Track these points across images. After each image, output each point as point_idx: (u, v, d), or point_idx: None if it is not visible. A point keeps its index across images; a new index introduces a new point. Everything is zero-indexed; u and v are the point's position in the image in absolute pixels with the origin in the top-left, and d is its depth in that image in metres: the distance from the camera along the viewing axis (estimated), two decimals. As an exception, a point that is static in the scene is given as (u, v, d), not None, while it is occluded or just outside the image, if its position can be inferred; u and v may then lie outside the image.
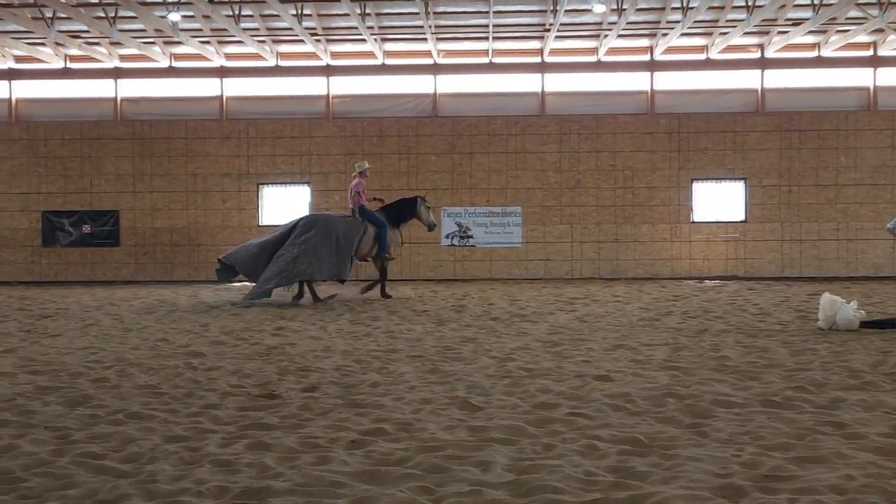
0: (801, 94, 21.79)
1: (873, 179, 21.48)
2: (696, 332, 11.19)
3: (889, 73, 21.62)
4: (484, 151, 21.98)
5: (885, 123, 21.51)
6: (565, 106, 22.02)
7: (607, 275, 21.66)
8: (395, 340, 10.60)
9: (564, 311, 13.86)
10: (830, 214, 21.55)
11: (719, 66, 21.69)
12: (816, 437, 5.76)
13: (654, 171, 21.74)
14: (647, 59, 21.73)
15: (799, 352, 9.42)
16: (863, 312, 11.63)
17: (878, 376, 7.92)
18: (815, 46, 21.39)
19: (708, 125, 21.70)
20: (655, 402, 6.85)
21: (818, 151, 21.58)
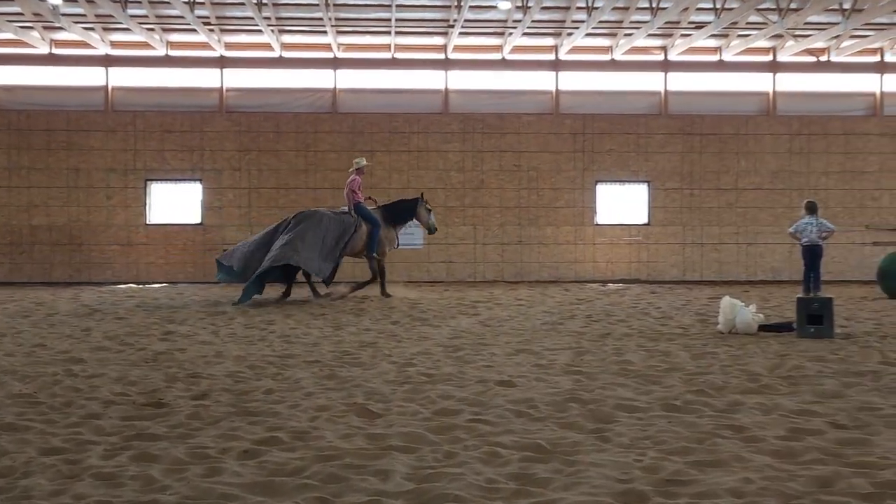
0: (703, 97, 22.46)
1: (772, 184, 22.29)
2: (599, 336, 11.40)
3: (788, 78, 22.47)
4: (385, 149, 21.95)
5: (783, 128, 22.35)
6: (469, 104, 22.18)
7: (511, 277, 21.90)
8: (290, 345, 10.49)
9: (467, 315, 13.93)
10: (731, 218, 22.26)
11: (623, 67, 22.18)
12: (716, 440, 5.94)
13: (558, 172, 22.08)
14: (551, 58, 22.06)
15: (699, 355, 9.69)
16: (761, 316, 12.06)
17: (776, 379, 8.22)
18: (717, 50, 22.09)
19: (612, 127, 22.16)
20: (558, 408, 6.94)
21: (719, 155, 22.27)
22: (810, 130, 22.37)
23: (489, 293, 18.32)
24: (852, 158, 22.43)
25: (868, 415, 6.73)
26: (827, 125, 22.40)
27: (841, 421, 6.54)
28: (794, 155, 22.35)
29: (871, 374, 8.48)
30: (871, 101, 22.61)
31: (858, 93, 22.68)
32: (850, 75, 22.55)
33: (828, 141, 22.39)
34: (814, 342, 10.77)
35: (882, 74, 22.46)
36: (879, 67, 22.40)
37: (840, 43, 21.59)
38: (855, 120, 22.52)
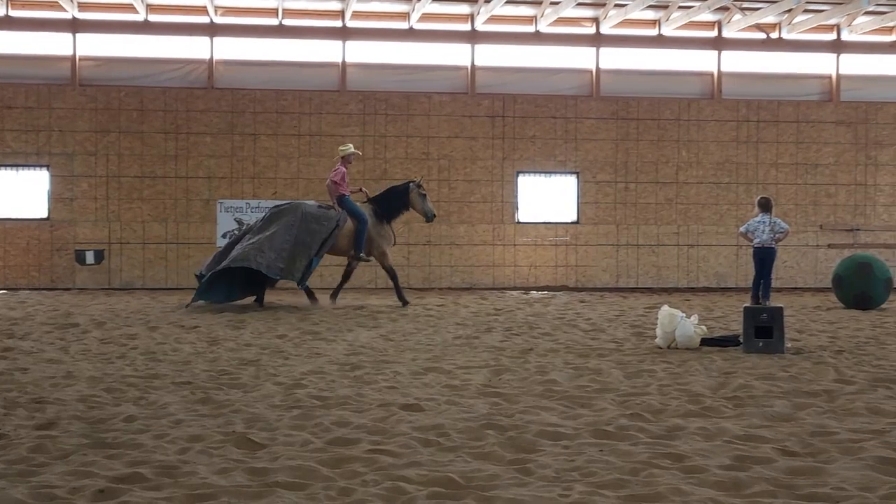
0: (640, 77, 22.88)
1: (716, 177, 22.83)
2: (520, 351, 11.48)
3: (735, 56, 23.04)
4: (271, 132, 21.77)
5: (729, 113, 22.91)
6: (370, 80, 22.16)
7: (418, 284, 21.94)
8: (156, 363, 10.31)
9: (366, 328, 13.90)
10: (670, 216, 22.72)
11: (549, 40, 22.44)
12: (653, 471, 6.03)
13: (474, 160, 22.22)
14: (467, 28, 22.19)
15: (635, 374, 9.85)
16: (704, 328, 12.32)
17: (720, 401, 8.41)
18: (656, 23, 22.53)
19: (536, 109, 22.39)
20: (473, 435, 6.97)
21: (658, 143, 22.71)
22: (759, 117, 22.99)
23: (393, 301, 18.31)
24: (805, 149, 23.13)
25: (822, 440, 6.94)
26: (778, 111, 23.05)
27: (792, 447, 6.72)
28: (741, 144, 22.93)
29: (825, 394, 8.75)
30: (827, 84, 23.36)
31: (813, 75, 23.40)
32: (804, 55, 23.25)
33: (779, 129, 23.04)
34: (762, 358, 11.05)
35: (838, 54, 23.21)
36: (836, 46, 23.14)
37: (792, 18, 22.24)
38: (809, 105, 23.23)
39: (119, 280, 21.33)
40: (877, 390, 8.98)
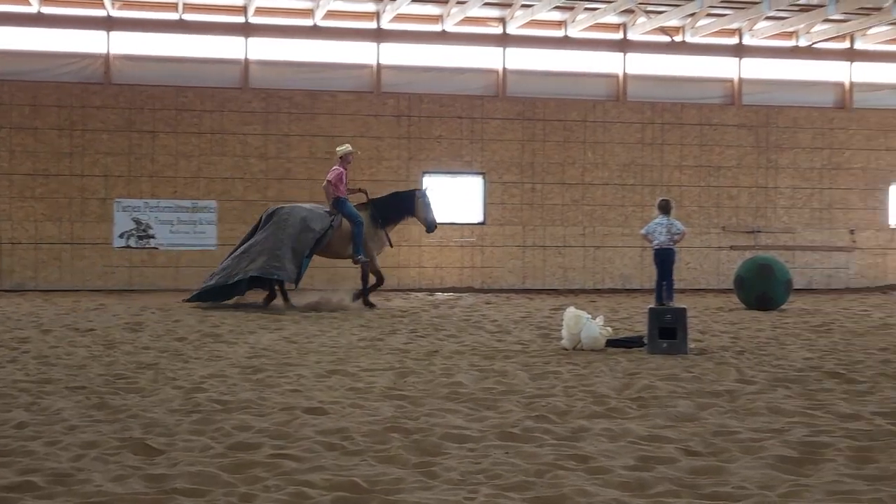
0: (547, 78, 23.09)
1: (622, 178, 23.16)
2: (425, 354, 11.50)
3: (639, 59, 23.41)
4: (170, 130, 21.44)
5: (634, 115, 23.27)
6: (274, 78, 21.97)
7: (322, 285, 21.78)
8: (49, 367, 10.08)
9: (268, 330, 13.79)
10: (576, 217, 22.99)
11: (456, 40, 22.52)
12: (558, 472, 6.09)
13: (379, 160, 22.18)
14: (373, 26, 22.15)
15: (540, 375, 9.94)
16: (609, 329, 12.49)
17: (625, 402, 8.53)
18: (562, 24, 22.76)
19: (443, 109, 22.45)
20: (377, 439, 6.96)
21: (564, 145, 22.95)
22: (664, 119, 23.39)
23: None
24: (708, 151, 23.60)
25: (724, 439, 7.08)
26: (682, 113, 23.48)
27: (695, 447, 6.85)
28: (646, 146, 23.30)
29: (726, 394, 8.93)
30: (729, 87, 23.87)
31: (716, 78, 23.90)
32: (707, 58, 23.73)
33: (683, 131, 23.47)
34: (666, 359, 11.24)
35: (740, 59, 23.74)
36: (738, 51, 23.67)
37: (696, 22, 22.68)
38: (712, 108, 23.71)
39: (10, 281, 20.78)
40: (777, 390, 9.20)
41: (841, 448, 6.84)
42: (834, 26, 22.78)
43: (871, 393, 9.12)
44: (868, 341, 13.14)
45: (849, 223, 24.25)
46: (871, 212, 24.41)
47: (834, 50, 24.14)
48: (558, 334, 12.67)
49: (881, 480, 6.07)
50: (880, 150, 24.42)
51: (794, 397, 8.85)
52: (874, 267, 24.36)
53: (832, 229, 24.13)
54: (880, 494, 5.71)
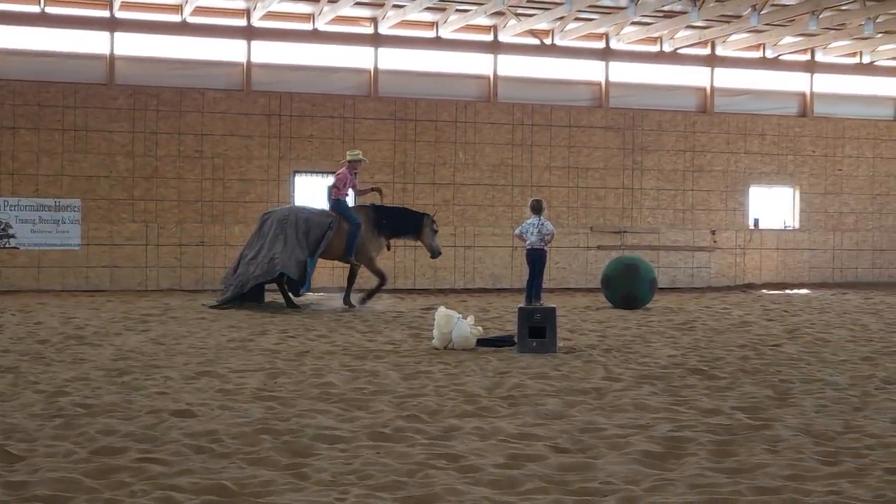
0: (418, 78, 23.17)
1: (492, 179, 23.39)
2: (295, 354, 11.43)
3: (510, 61, 23.67)
4: (32, 126, 20.78)
5: (505, 117, 23.52)
6: (141, 75, 21.49)
7: (191, 286, 21.46)
8: None
9: (135, 332, 13.51)
10: (447, 217, 23.08)
11: (328, 39, 22.40)
12: (429, 472, 6.12)
13: (249, 160, 21.93)
14: (243, 23, 21.87)
15: (411, 375, 9.98)
16: (480, 329, 12.59)
17: (495, 400, 8.62)
18: (434, 25, 22.86)
19: (314, 108, 22.32)
20: (247, 441, 6.89)
21: (435, 145, 23.06)
22: (533, 120, 23.70)
23: (164, 304, 17.86)
24: (577, 153, 24.01)
25: (591, 436, 7.22)
26: (551, 115, 23.83)
27: (563, 444, 6.97)
28: (516, 147, 23.57)
29: (594, 392, 9.11)
30: (597, 90, 24.33)
31: (584, 81, 24.33)
32: (575, 61, 24.14)
33: (552, 133, 23.82)
34: (536, 357, 11.39)
35: (607, 62, 24.22)
36: (605, 54, 24.14)
37: (565, 25, 23.05)
38: (580, 111, 24.12)
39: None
40: (642, 387, 9.42)
41: (703, 442, 7.04)
42: (696, 33, 23.43)
43: (730, 388, 9.41)
44: (728, 338, 13.55)
45: (710, 224, 24.98)
46: (731, 213, 25.19)
47: (696, 56, 24.82)
48: (429, 334, 12.73)
49: (740, 473, 6.27)
50: (739, 153, 25.22)
51: (659, 394, 9.07)
52: (734, 266, 25.16)
53: (694, 230, 24.82)
54: (739, 487, 5.90)
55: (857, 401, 8.81)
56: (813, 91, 25.78)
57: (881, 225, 26.36)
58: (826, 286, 25.00)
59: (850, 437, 7.33)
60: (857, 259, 26.18)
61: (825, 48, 25.04)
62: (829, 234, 25.94)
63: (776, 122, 25.56)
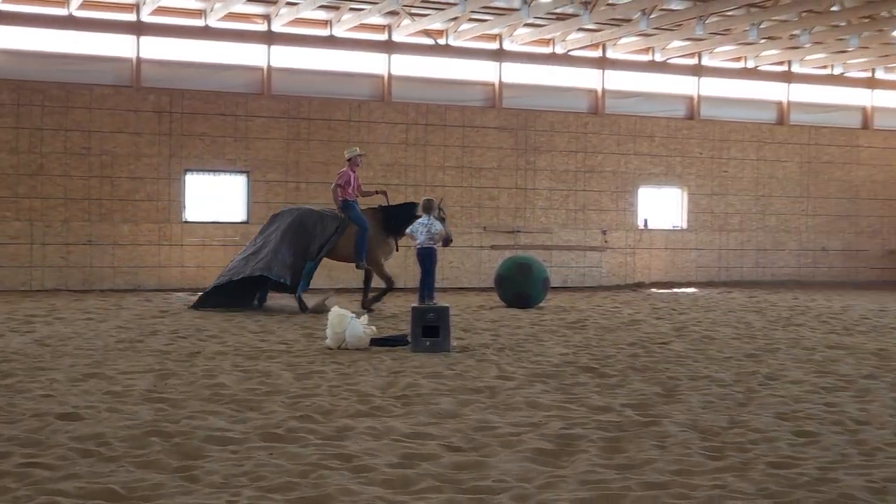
0: (312, 76, 23.02)
1: (386, 178, 23.34)
2: (186, 355, 11.28)
3: (404, 60, 23.68)
4: None
5: (399, 116, 23.53)
6: (26, 70, 20.91)
7: (77, 286, 20.98)
8: None
9: (19, 333, 13.17)
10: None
11: (219, 36, 22.09)
12: (322, 472, 6.11)
13: (138, 157, 21.52)
14: (132, 18, 21.44)
15: (304, 375, 9.93)
16: (374, 328, 12.60)
17: (389, 400, 8.63)
18: (328, 24, 22.74)
19: (206, 106, 22.00)
20: (136, 444, 6.79)
21: (329, 144, 22.94)
22: (427, 120, 23.75)
23: (49, 305, 17.43)
24: (470, 153, 24.14)
25: (484, 435, 7.28)
26: (445, 115, 23.91)
27: (457, 443, 7.01)
28: (409, 146, 23.60)
29: (487, 391, 9.18)
30: (491, 91, 24.50)
31: (477, 81, 24.47)
32: (469, 61, 24.26)
33: (446, 132, 23.91)
34: (429, 356, 11.43)
35: (501, 63, 24.40)
36: (498, 55, 24.32)
37: (458, 26, 23.15)
38: (474, 111, 24.25)
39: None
40: (534, 385, 9.53)
41: (594, 439, 7.15)
42: (588, 35, 23.76)
43: (621, 386, 9.58)
44: (618, 337, 13.79)
45: (601, 224, 25.36)
46: (621, 213, 25.62)
47: (588, 58, 25.17)
48: (323, 334, 12.67)
49: (630, 469, 6.39)
50: (630, 154, 25.66)
51: (551, 392, 9.19)
52: (624, 266, 25.59)
53: (586, 229, 25.17)
54: (629, 482, 6.01)
55: (741, 397, 9.05)
56: (700, 94, 26.37)
57: (764, 225, 27.10)
58: (712, 285, 25.60)
59: (734, 432, 7.53)
60: (742, 258, 26.88)
61: (711, 53, 25.62)
62: (715, 234, 26.58)
63: (665, 124, 26.09)
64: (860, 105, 28.28)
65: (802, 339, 13.71)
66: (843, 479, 6.19)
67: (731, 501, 5.69)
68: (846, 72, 27.49)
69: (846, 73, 27.53)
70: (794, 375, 10.41)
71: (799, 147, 27.38)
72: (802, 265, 27.48)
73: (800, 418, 8.10)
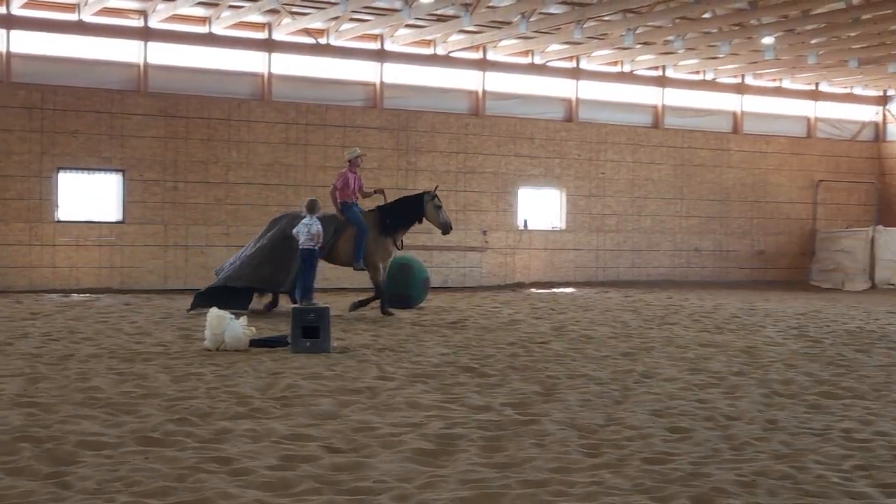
0: (191, 74, 22.64)
1: (265, 178, 23.13)
2: (59, 358, 10.99)
3: (284, 59, 23.46)
4: None
5: (279, 116, 23.31)
6: None
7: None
8: None
9: None
10: (220, 217, 22.71)
11: (93, 31, 21.57)
12: (200, 476, 6.02)
13: (9, 155, 20.88)
14: (2, 12, 20.77)
15: (182, 377, 9.77)
16: (253, 329, 12.46)
17: (268, 401, 8.55)
18: (206, 21, 22.40)
19: (79, 103, 21.45)
20: (6, 449, 6.61)
21: (208, 143, 22.61)
22: (308, 120, 23.59)
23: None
24: (351, 153, 24.01)
25: (365, 435, 7.27)
26: (325, 115, 23.78)
27: (337, 444, 6.98)
28: (290, 146, 23.40)
29: (368, 391, 9.17)
30: (372, 91, 24.45)
31: (358, 81, 24.39)
32: (351, 61, 24.18)
33: (326, 132, 23.78)
34: (309, 357, 11.37)
35: (382, 63, 24.38)
36: (380, 56, 24.29)
37: (339, 25, 23.05)
38: (354, 111, 24.18)
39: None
40: (415, 385, 9.55)
41: (474, 439, 7.21)
42: (468, 37, 23.91)
43: (500, 385, 9.67)
44: (498, 336, 13.91)
45: (482, 224, 25.55)
46: (501, 214, 25.86)
47: (469, 59, 25.34)
48: (201, 335, 12.48)
49: (510, 467, 6.46)
50: (510, 155, 25.92)
51: (431, 392, 9.22)
52: (504, 266, 25.83)
53: (467, 230, 25.31)
54: (508, 481, 6.07)
55: (618, 394, 9.23)
56: (578, 97, 26.79)
57: (640, 226, 27.67)
58: (590, 285, 26.03)
59: (611, 429, 7.67)
60: (618, 259, 27.40)
61: (589, 56, 26.06)
62: (592, 234, 27.03)
63: (544, 126, 26.42)
64: (731, 110, 29.11)
65: (676, 338, 14.04)
66: (714, 473, 6.36)
67: (608, 498, 5.79)
68: (717, 77, 28.27)
69: (717, 78, 28.31)
70: (668, 373, 10.65)
71: (673, 150, 28.05)
72: (676, 265, 28.15)
73: (673, 415, 8.29)
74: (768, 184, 29.47)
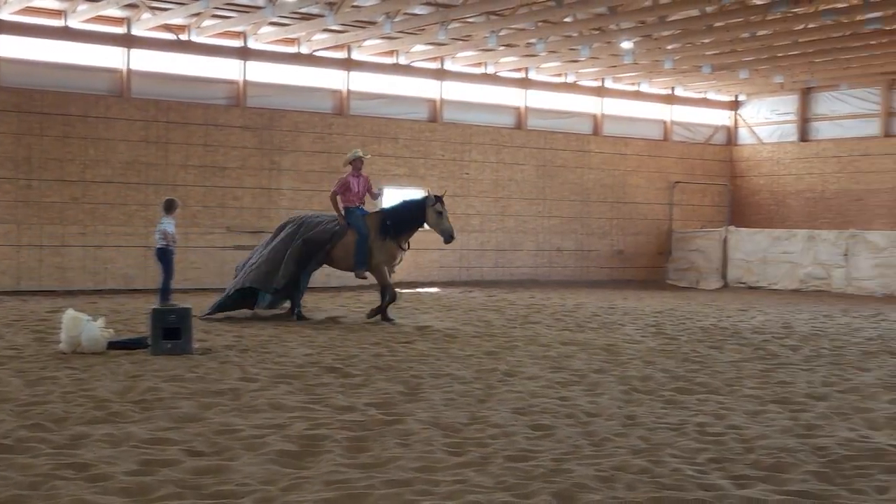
0: (46, 69, 21.93)
1: (125, 177, 22.59)
2: None
3: (145, 55, 22.95)
4: None
5: (138, 113, 22.78)
6: None
7: None
8: None
9: None
10: (76, 216, 22.07)
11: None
12: (56, 483, 5.85)
13: None
14: None
15: (35, 381, 9.48)
16: (111, 331, 12.16)
17: (127, 405, 8.35)
18: (62, 15, 21.74)
19: (-75, 96, 20.59)
20: None
21: (64, 140, 21.96)
22: (169, 118, 23.12)
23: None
24: (213, 152, 23.68)
25: (227, 438, 7.16)
26: (187, 113, 23.35)
27: (198, 447, 6.87)
28: (150, 144, 22.90)
29: (230, 393, 9.04)
30: (235, 89, 24.13)
31: (221, 79, 24.03)
32: (213, 59, 23.79)
33: (188, 131, 23.35)
34: (170, 359, 11.16)
35: (245, 61, 24.08)
36: (243, 53, 23.98)
37: (201, 22, 22.67)
38: (217, 109, 23.81)
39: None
40: (279, 386, 9.47)
41: (338, 439, 7.18)
42: (333, 36, 23.80)
43: (364, 385, 9.66)
44: (362, 336, 13.90)
45: (346, 224, 25.44)
46: (366, 214, 25.79)
47: (333, 59, 25.22)
48: (56, 337, 12.12)
49: (374, 468, 6.45)
50: (374, 155, 25.88)
51: (295, 392, 9.15)
52: (369, 266, 25.75)
53: (331, 230, 25.17)
54: (373, 481, 6.07)
55: (481, 393, 9.32)
56: (442, 98, 26.95)
57: (503, 226, 28.00)
58: (454, 285, 26.21)
59: (475, 427, 7.74)
60: (482, 259, 27.66)
61: (454, 57, 26.24)
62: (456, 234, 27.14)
63: (409, 127, 26.49)
64: (591, 112, 29.71)
65: (539, 337, 14.25)
66: (575, 469, 6.47)
67: (472, 496, 5.84)
68: (579, 80, 28.81)
69: (579, 81, 28.85)
70: (530, 371, 10.80)
71: (536, 151, 28.47)
72: (539, 265, 28.58)
73: (536, 412, 8.41)
74: (627, 185, 30.19)
